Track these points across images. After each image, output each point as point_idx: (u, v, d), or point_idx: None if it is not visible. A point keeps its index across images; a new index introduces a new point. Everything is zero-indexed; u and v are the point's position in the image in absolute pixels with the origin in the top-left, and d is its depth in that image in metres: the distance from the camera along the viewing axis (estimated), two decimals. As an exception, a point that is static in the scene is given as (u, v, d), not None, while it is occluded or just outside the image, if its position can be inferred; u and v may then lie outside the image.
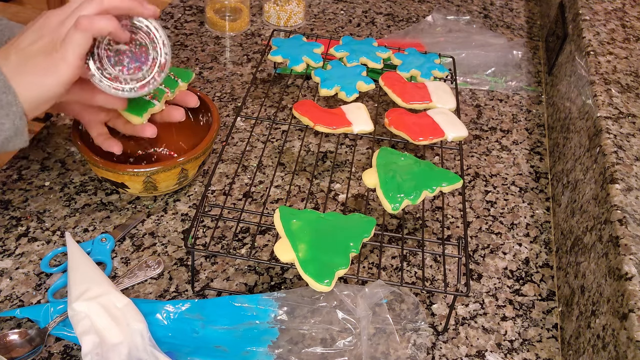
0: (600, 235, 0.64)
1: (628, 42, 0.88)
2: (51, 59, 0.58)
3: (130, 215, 0.78)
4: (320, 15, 1.22)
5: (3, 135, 0.57)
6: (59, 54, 0.58)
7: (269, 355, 0.62)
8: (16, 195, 0.79)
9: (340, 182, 0.85)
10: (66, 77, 0.59)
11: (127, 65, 0.63)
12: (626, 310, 0.54)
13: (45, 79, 0.58)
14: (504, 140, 0.96)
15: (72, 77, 0.59)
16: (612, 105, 0.76)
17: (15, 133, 0.58)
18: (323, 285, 0.60)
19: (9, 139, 0.58)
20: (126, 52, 0.64)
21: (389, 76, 0.86)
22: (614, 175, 0.66)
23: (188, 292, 0.70)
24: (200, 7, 1.21)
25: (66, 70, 0.58)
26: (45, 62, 0.58)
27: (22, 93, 0.57)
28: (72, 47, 0.58)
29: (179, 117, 0.75)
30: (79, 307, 0.62)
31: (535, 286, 0.75)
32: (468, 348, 0.67)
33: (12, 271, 0.70)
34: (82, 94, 0.65)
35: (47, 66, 0.58)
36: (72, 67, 0.58)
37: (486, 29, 1.20)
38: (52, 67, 0.58)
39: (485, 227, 0.81)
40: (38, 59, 0.58)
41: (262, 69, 1.06)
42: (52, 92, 0.59)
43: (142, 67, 0.64)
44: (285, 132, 0.93)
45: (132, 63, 0.64)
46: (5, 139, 0.58)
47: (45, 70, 0.58)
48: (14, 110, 0.57)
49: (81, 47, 0.58)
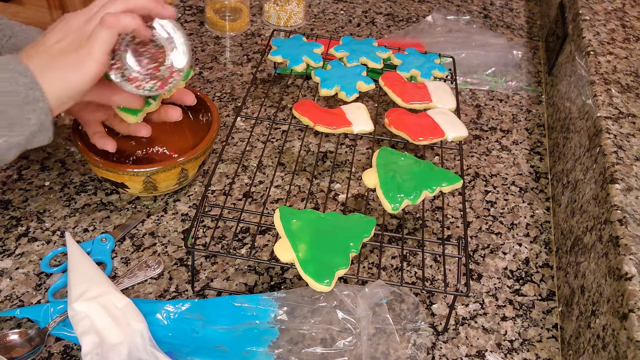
0: (600, 235, 0.64)
1: (628, 42, 0.88)
2: (77, 55, 0.59)
3: (130, 215, 0.78)
4: (320, 15, 1.22)
5: (29, 130, 0.58)
6: (85, 50, 0.59)
7: (269, 355, 0.62)
8: (16, 195, 0.79)
9: (340, 182, 0.85)
10: (92, 73, 0.60)
11: (146, 66, 0.64)
12: (626, 310, 0.54)
13: (71, 75, 0.59)
14: (504, 140, 0.96)
15: (98, 73, 0.61)
16: (612, 105, 0.76)
17: (40, 129, 0.59)
18: (323, 285, 0.60)
19: (34, 135, 0.59)
20: (144, 53, 0.64)
21: (389, 76, 0.86)
22: (614, 175, 0.66)
23: (188, 292, 0.70)
24: (200, 7, 1.21)
25: (92, 66, 0.60)
26: (72, 59, 0.59)
27: (48, 89, 0.58)
28: (99, 43, 0.59)
29: (176, 116, 0.75)
30: (79, 307, 0.62)
31: (535, 286, 0.75)
32: (468, 348, 0.67)
33: (12, 271, 0.70)
34: (101, 94, 0.65)
35: (73, 62, 0.59)
36: (98, 63, 0.60)
37: (486, 29, 1.20)
38: (79, 63, 0.59)
39: (485, 227, 0.81)
40: (64, 56, 0.59)
41: (262, 69, 1.06)
42: (77, 88, 0.60)
43: (160, 67, 0.65)
44: (285, 132, 0.93)
45: (150, 63, 0.65)
46: (30, 134, 0.58)
47: (72, 67, 0.59)
48: (41, 106, 0.58)
49: (107, 44, 0.60)
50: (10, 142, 0.57)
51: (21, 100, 0.56)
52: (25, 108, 0.57)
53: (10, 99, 0.56)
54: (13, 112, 0.56)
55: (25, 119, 0.57)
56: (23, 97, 0.57)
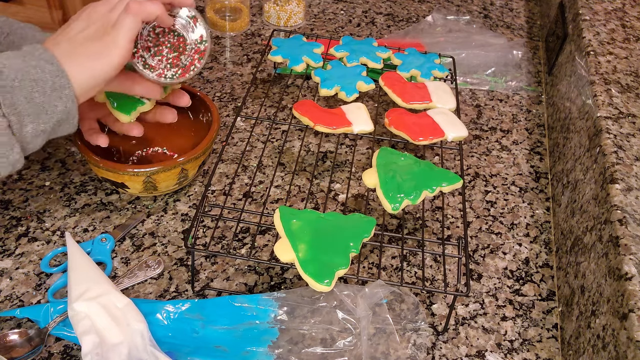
0: (600, 235, 0.64)
1: (628, 42, 0.88)
2: (102, 42, 0.60)
3: (130, 215, 0.78)
4: (320, 15, 1.22)
5: (56, 117, 0.59)
6: (110, 37, 0.60)
7: (269, 355, 0.62)
8: (16, 195, 0.79)
9: (340, 182, 0.85)
10: (117, 60, 0.60)
11: (167, 55, 0.66)
12: (626, 310, 0.54)
13: (96, 62, 0.60)
14: (504, 140, 0.96)
15: (123, 61, 0.61)
16: (612, 105, 0.76)
17: (67, 116, 0.60)
18: (323, 285, 0.60)
19: (60, 122, 0.60)
20: (165, 42, 0.66)
21: (389, 76, 0.86)
22: (614, 175, 0.66)
23: (188, 292, 0.70)
24: (200, 7, 1.21)
25: (117, 53, 0.60)
26: (97, 46, 0.60)
27: (74, 77, 0.59)
28: (124, 30, 0.60)
29: (171, 118, 0.75)
30: (79, 307, 0.62)
31: (535, 286, 0.75)
32: (468, 348, 0.67)
33: (12, 271, 0.70)
34: (123, 84, 0.66)
35: (98, 50, 0.60)
36: (123, 49, 0.60)
37: (486, 29, 1.20)
38: (105, 50, 0.60)
39: (485, 227, 0.81)
40: (89, 43, 0.60)
41: (262, 69, 1.06)
42: (103, 76, 0.60)
43: (180, 56, 0.66)
44: (285, 132, 0.93)
45: (170, 52, 0.66)
46: (57, 121, 0.59)
47: (97, 54, 0.60)
48: (67, 94, 0.58)
49: (132, 31, 0.61)
50: (37, 129, 0.58)
51: (49, 88, 0.57)
52: (52, 95, 0.57)
53: (38, 87, 0.57)
54: (40, 99, 0.57)
55: (52, 106, 0.58)
56: (50, 85, 0.57)
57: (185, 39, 0.66)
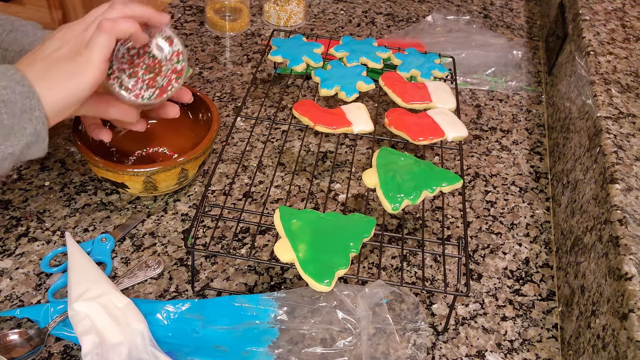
0: (600, 235, 0.64)
1: (628, 42, 0.88)
2: (75, 62, 0.59)
3: (130, 215, 0.78)
4: (320, 15, 1.22)
5: (24, 140, 0.57)
6: (83, 57, 0.59)
7: (269, 355, 0.62)
8: (16, 195, 0.79)
9: (340, 182, 0.85)
10: (91, 80, 0.59)
11: (142, 77, 0.64)
12: (626, 310, 0.54)
13: (70, 82, 0.58)
14: (504, 140, 0.96)
15: (97, 81, 0.60)
16: (612, 105, 0.76)
17: (36, 139, 0.58)
18: (323, 285, 0.60)
19: (29, 145, 0.58)
20: (140, 64, 0.64)
21: (389, 76, 0.86)
22: (614, 175, 0.66)
23: (188, 292, 0.70)
24: (200, 7, 1.21)
25: (91, 73, 0.59)
26: (70, 66, 0.58)
27: (46, 98, 0.57)
28: (97, 49, 0.59)
29: (174, 113, 0.75)
30: (79, 307, 0.62)
31: (535, 286, 0.75)
32: (468, 348, 0.67)
33: (12, 271, 0.70)
34: (96, 107, 0.65)
35: (71, 70, 0.58)
36: (97, 69, 0.59)
37: (486, 29, 1.20)
38: (77, 70, 0.58)
39: (485, 227, 0.81)
40: (63, 63, 0.59)
41: (262, 69, 1.06)
42: (76, 96, 0.59)
43: (156, 77, 0.65)
44: (285, 132, 0.93)
45: (146, 74, 0.64)
46: (26, 144, 0.57)
47: (70, 75, 0.58)
48: (37, 115, 0.57)
49: (105, 49, 0.59)
50: (5, 152, 0.56)
51: (18, 109, 0.56)
52: (21, 117, 0.56)
53: (7, 108, 0.55)
54: (9, 122, 0.55)
55: (21, 128, 0.56)
56: (20, 106, 0.56)
57: (161, 60, 0.65)
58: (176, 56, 0.65)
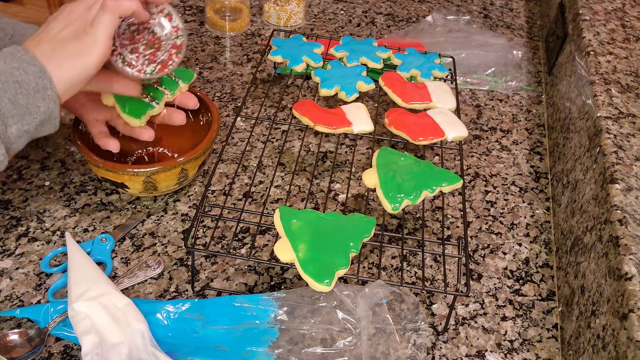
0: (600, 235, 0.64)
1: (628, 42, 0.88)
2: (82, 41, 0.61)
3: (130, 215, 0.78)
4: (320, 15, 1.22)
5: (38, 118, 0.60)
6: (89, 36, 0.61)
7: (269, 355, 0.62)
8: (16, 195, 0.79)
9: (340, 182, 0.85)
10: (97, 58, 0.61)
11: (143, 52, 0.66)
12: (626, 310, 0.54)
13: (77, 61, 0.60)
14: (504, 140, 0.96)
15: (103, 59, 0.62)
16: (612, 105, 0.76)
17: (49, 117, 0.60)
18: (323, 285, 0.60)
19: (42, 122, 0.61)
20: (141, 40, 0.66)
21: (389, 76, 0.86)
22: (614, 175, 0.66)
23: (188, 292, 0.70)
24: (200, 7, 1.21)
25: (97, 51, 0.61)
26: (77, 45, 0.60)
27: (55, 77, 0.59)
28: (102, 27, 0.61)
29: (180, 120, 0.75)
30: (79, 307, 0.62)
31: (535, 286, 0.75)
32: (468, 348, 0.67)
33: (12, 271, 0.70)
34: (100, 82, 0.66)
35: (78, 49, 0.60)
36: (102, 47, 0.61)
37: (486, 29, 1.20)
38: (84, 49, 0.60)
39: (485, 227, 0.81)
40: (69, 43, 0.60)
41: (262, 69, 1.06)
42: (84, 74, 0.61)
43: (157, 52, 0.67)
44: (285, 132, 0.93)
45: (147, 49, 0.66)
46: (40, 122, 0.60)
47: (77, 54, 0.60)
48: (49, 94, 0.59)
49: (110, 28, 0.61)
50: (21, 129, 0.59)
51: (32, 89, 0.58)
52: (35, 96, 0.58)
53: (22, 88, 0.57)
54: (24, 101, 0.58)
55: (36, 107, 0.59)
56: (33, 86, 0.58)
57: (161, 36, 0.67)
58: (175, 32, 0.67)
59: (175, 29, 0.67)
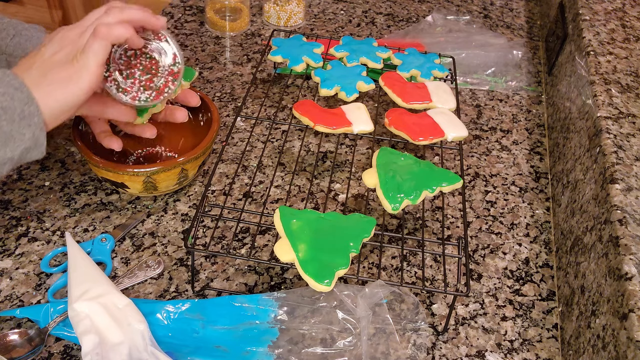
0: (600, 235, 0.64)
1: (628, 42, 0.88)
2: (72, 68, 0.59)
3: (130, 215, 0.78)
4: (320, 15, 1.22)
5: (23, 145, 0.58)
6: (80, 63, 0.59)
7: (269, 355, 0.62)
8: (16, 195, 0.79)
9: (340, 182, 0.85)
10: (87, 85, 0.60)
11: (139, 78, 0.65)
12: (626, 310, 0.54)
13: (67, 88, 0.59)
14: (504, 140, 0.96)
15: (93, 86, 0.60)
16: (612, 105, 0.76)
17: (35, 144, 0.59)
18: (323, 285, 0.60)
19: (28, 150, 0.59)
20: (137, 65, 0.65)
21: (389, 76, 0.86)
22: (614, 175, 0.66)
23: (188, 292, 0.70)
24: (200, 7, 1.21)
25: (87, 78, 0.59)
26: (67, 72, 0.59)
27: (43, 103, 0.58)
28: (93, 54, 0.59)
29: (182, 118, 0.75)
30: (79, 308, 0.62)
31: (535, 286, 0.75)
32: (468, 348, 0.67)
33: (12, 271, 0.70)
34: (94, 108, 0.65)
35: (68, 75, 0.59)
36: (93, 74, 0.59)
37: (486, 29, 1.20)
38: (74, 75, 0.59)
39: (485, 227, 0.81)
40: (60, 69, 0.59)
41: (262, 69, 1.06)
42: (73, 101, 0.60)
43: (153, 79, 0.65)
44: (285, 132, 0.93)
45: (143, 75, 0.65)
46: (24, 149, 0.58)
47: (67, 80, 0.59)
48: (35, 122, 0.57)
49: (101, 55, 0.60)
50: (4, 157, 0.57)
51: (17, 116, 0.56)
52: (20, 123, 0.56)
53: (6, 115, 0.56)
54: (8, 128, 0.56)
55: (20, 134, 0.57)
56: (19, 112, 0.56)
57: (158, 61, 0.65)
58: (173, 58, 0.66)
59: (173, 56, 0.66)
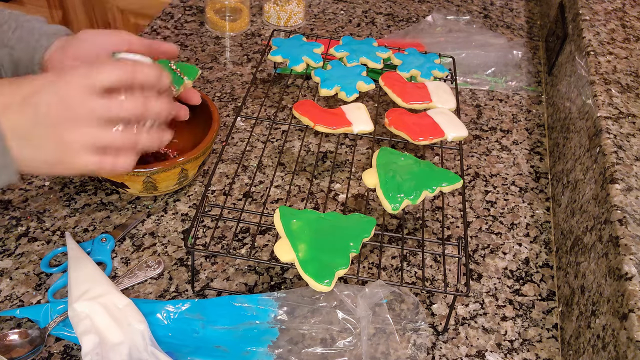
0: (600, 235, 0.64)
1: (628, 42, 0.88)
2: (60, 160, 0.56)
3: (130, 215, 0.78)
4: (320, 15, 1.22)
5: None
6: (66, 164, 0.56)
7: (269, 355, 0.62)
8: (16, 195, 0.79)
9: (340, 182, 0.85)
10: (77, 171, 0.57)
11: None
12: (626, 310, 0.54)
13: (52, 169, 0.57)
14: (504, 140, 0.96)
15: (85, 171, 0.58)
16: (612, 105, 0.76)
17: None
18: (323, 285, 0.60)
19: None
20: None
21: (389, 76, 0.86)
22: (614, 175, 0.66)
23: (188, 292, 0.70)
24: (200, 7, 1.21)
25: (70, 172, 0.59)
26: (54, 157, 0.56)
27: (24, 160, 0.55)
28: (83, 166, 0.56)
29: (184, 115, 0.75)
30: (79, 308, 0.62)
31: (535, 286, 0.75)
32: (468, 348, 0.67)
33: (12, 271, 0.70)
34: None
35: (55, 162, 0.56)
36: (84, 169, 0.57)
37: (486, 29, 1.20)
38: (59, 165, 0.56)
39: (485, 227, 0.81)
40: (49, 148, 0.55)
41: (262, 69, 1.06)
42: (57, 172, 0.59)
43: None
44: (285, 132, 0.93)
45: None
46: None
47: (53, 166, 0.56)
48: (9, 170, 0.55)
49: (90, 168, 0.57)
50: None
51: None
52: None
53: None
54: None
55: None
56: None
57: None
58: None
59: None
